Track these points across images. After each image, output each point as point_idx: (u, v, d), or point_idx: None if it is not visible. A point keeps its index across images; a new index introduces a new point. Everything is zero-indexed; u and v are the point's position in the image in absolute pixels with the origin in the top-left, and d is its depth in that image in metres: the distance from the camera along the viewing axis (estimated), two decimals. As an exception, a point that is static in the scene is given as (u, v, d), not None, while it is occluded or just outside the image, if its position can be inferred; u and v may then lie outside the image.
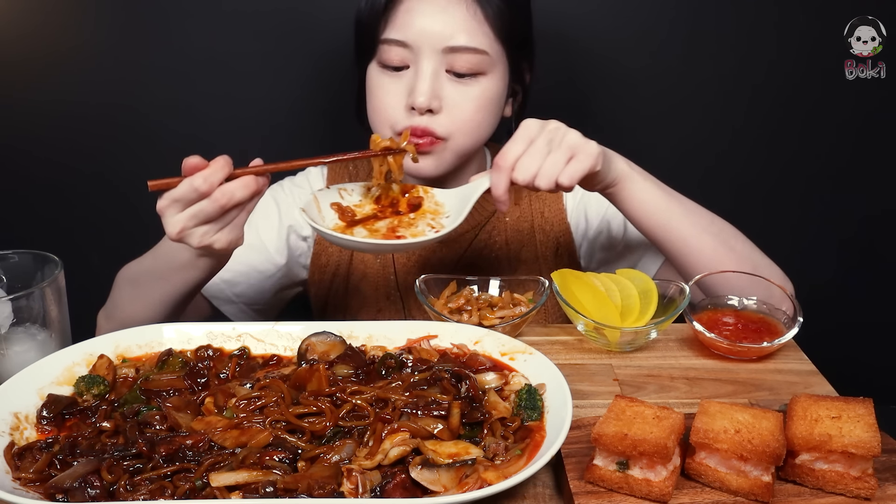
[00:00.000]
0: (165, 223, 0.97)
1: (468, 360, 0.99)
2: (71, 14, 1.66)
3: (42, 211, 1.79)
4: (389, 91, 1.23)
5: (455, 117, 1.22)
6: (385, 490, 0.76)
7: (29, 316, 1.00)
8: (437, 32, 1.18)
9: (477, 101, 1.23)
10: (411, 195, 1.17)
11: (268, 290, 1.43)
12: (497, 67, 1.24)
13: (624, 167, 1.14)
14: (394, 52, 1.21)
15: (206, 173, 0.95)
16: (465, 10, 1.19)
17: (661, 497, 0.76)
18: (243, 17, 1.66)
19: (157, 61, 1.68)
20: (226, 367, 0.99)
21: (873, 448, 0.75)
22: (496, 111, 1.28)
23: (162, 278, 1.14)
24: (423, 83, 1.19)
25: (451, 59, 1.20)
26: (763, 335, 1.08)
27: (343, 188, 1.16)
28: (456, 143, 1.25)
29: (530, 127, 1.05)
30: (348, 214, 1.13)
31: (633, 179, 1.14)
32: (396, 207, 1.16)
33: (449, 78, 1.21)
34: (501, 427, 0.86)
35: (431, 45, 1.18)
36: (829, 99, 1.73)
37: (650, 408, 0.82)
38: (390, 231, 1.11)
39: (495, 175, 1.04)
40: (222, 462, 0.80)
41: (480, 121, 1.25)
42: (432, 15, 1.18)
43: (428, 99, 1.19)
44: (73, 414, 0.91)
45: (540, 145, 1.03)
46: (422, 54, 1.19)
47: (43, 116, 1.72)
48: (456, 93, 1.22)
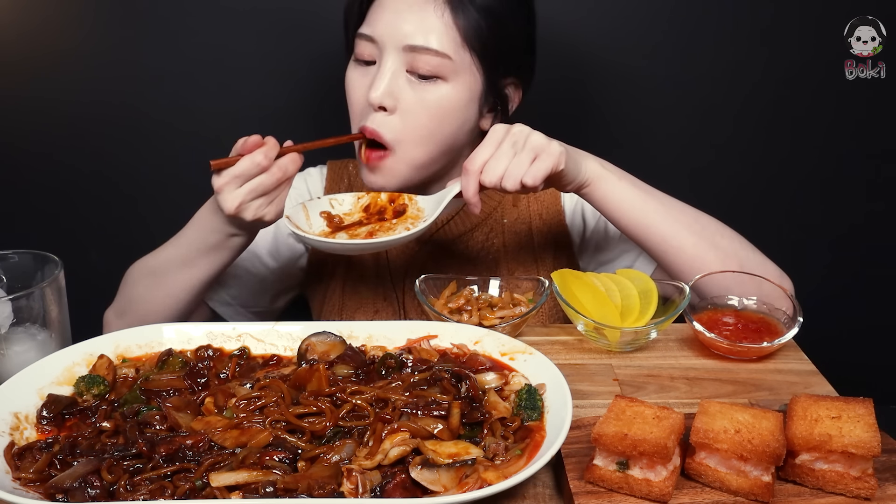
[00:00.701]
0: (223, 199, 1.05)
1: (468, 360, 0.99)
2: (71, 14, 1.66)
3: (42, 210, 1.79)
4: (357, 85, 1.23)
5: (407, 122, 1.19)
6: (385, 490, 0.76)
7: (29, 316, 1.00)
8: (400, 30, 1.17)
9: (432, 107, 1.19)
10: (396, 203, 1.21)
11: (262, 292, 1.43)
12: (462, 76, 1.20)
13: (596, 167, 1.16)
14: (363, 47, 1.21)
15: (265, 150, 1.05)
16: (433, 11, 1.17)
17: (661, 497, 0.76)
18: (243, 16, 1.66)
19: (158, 60, 1.68)
20: (226, 367, 0.99)
21: (873, 448, 0.75)
22: (455, 121, 1.23)
23: (187, 265, 1.17)
24: (381, 79, 1.18)
25: (412, 59, 1.18)
26: (763, 335, 1.08)
27: (334, 198, 1.22)
28: (406, 152, 1.21)
29: (497, 131, 1.09)
30: (336, 222, 1.19)
31: (606, 179, 1.16)
32: (383, 215, 1.21)
33: (409, 78, 1.19)
34: (501, 427, 0.86)
35: (394, 41, 1.18)
36: (828, 99, 1.73)
37: (650, 408, 0.82)
38: (369, 235, 1.18)
39: (464, 179, 1.09)
40: (222, 462, 0.80)
41: (434, 129, 1.21)
42: (400, 12, 1.17)
43: (381, 95, 1.17)
44: (73, 414, 0.91)
45: (505, 148, 1.08)
46: (385, 50, 1.18)
47: (43, 116, 1.72)
48: (412, 94, 1.19)
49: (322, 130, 1.79)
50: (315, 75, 1.70)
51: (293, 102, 1.74)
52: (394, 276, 1.40)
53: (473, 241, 1.40)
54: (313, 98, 1.73)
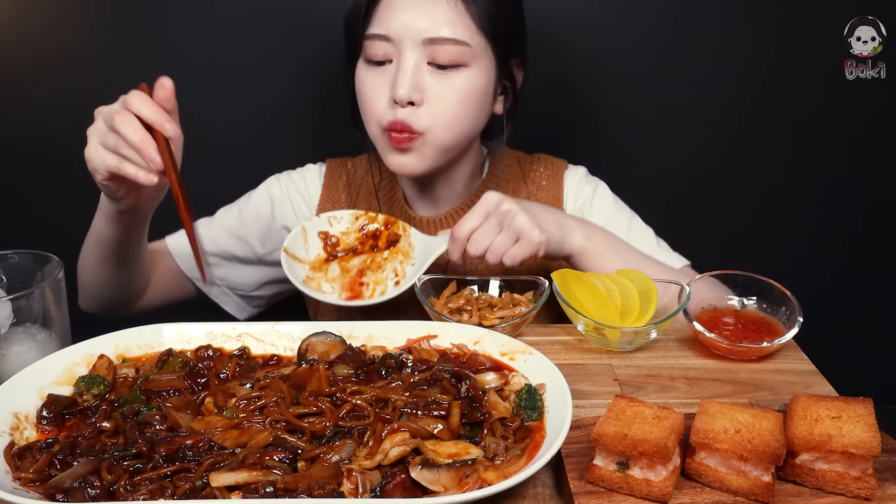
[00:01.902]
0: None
1: (468, 360, 0.99)
2: (71, 14, 1.66)
3: (42, 211, 1.79)
4: (374, 86, 1.24)
5: (435, 109, 1.22)
6: (385, 490, 0.76)
7: (29, 316, 1.00)
8: (417, 25, 1.19)
9: (458, 92, 1.23)
10: (392, 230, 1.27)
11: (248, 277, 1.47)
12: (480, 60, 1.24)
13: (580, 242, 1.22)
14: (377, 47, 1.23)
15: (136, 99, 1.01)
16: (446, 2, 1.20)
17: (661, 497, 0.76)
18: (240, 17, 1.66)
19: (157, 61, 1.67)
20: (226, 367, 0.99)
21: (873, 448, 0.75)
22: (480, 105, 1.27)
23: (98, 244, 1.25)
24: (404, 75, 1.20)
25: (433, 51, 1.20)
26: (763, 335, 1.08)
27: (333, 216, 1.27)
28: (435, 136, 1.24)
29: (488, 202, 1.15)
30: (331, 244, 1.26)
31: (589, 254, 1.23)
32: (377, 242, 1.27)
33: (431, 70, 1.22)
34: (501, 427, 0.86)
35: (412, 37, 1.20)
36: (829, 99, 1.73)
37: (650, 408, 0.82)
38: (359, 274, 1.25)
39: (451, 245, 1.17)
40: (222, 462, 0.80)
41: (461, 113, 1.25)
42: (412, 8, 1.20)
43: (408, 91, 1.20)
44: (73, 414, 0.91)
45: (493, 223, 1.15)
46: (403, 47, 1.20)
47: (42, 116, 1.72)
48: (437, 84, 1.22)
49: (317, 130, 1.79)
50: (312, 75, 1.70)
51: (289, 102, 1.74)
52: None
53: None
54: (310, 97, 1.73)
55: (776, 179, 1.81)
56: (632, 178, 1.71)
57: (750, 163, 1.80)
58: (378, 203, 1.45)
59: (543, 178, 1.45)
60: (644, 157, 1.78)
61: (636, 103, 1.76)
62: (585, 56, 1.71)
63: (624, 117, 1.77)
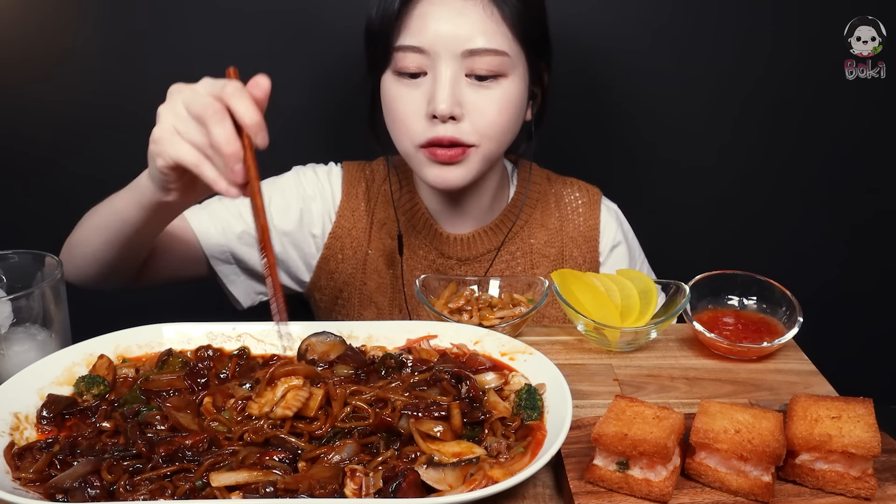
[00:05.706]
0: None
1: (468, 360, 0.99)
2: (71, 14, 1.65)
3: (42, 211, 1.78)
4: (408, 100, 1.19)
5: (478, 123, 1.18)
6: (399, 489, 0.75)
7: (29, 316, 1.00)
8: (454, 36, 1.14)
9: (499, 103, 1.19)
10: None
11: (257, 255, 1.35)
12: (517, 69, 1.20)
13: None
14: (409, 59, 1.17)
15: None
16: (482, 10, 1.15)
17: (661, 497, 0.76)
18: (247, 18, 1.65)
19: (158, 62, 1.67)
20: (226, 367, 0.99)
21: (873, 448, 0.75)
22: (519, 113, 1.25)
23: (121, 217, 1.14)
24: (443, 90, 1.15)
25: (471, 63, 1.16)
26: (763, 335, 1.08)
27: None
28: (487, 149, 1.22)
29: None
30: None
31: None
32: None
33: (469, 82, 1.17)
34: (502, 427, 0.86)
35: (449, 49, 1.15)
36: (828, 99, 1.73)
37: (650, 408, 0.82)
38: None
39: None
40: (222, 462, 0.80)
41: (504, 124, 1.21)
42: (448, 18, 1.14)
43: (450, 106, 1.15)
44: (73, 414, 0.91)
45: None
46: (439, 59, 1.15)
47: (42, 116, 1.71)
48: (477, 97, 1.18)
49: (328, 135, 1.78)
50: (323, 80, 1.69)
51: (299, 107, 1.74)
52: (405, 287, 1.39)
53: (499, 259, 1.39)
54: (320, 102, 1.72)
55: (776, 179, 1.81)
56: (632, 178, 1.72)
57: (749, 163, 1.80)
58: (396, 214, 1.39)
59: (581, 205, 1.42)
60: (644, 156, 1.78)
61: (635, 103, 1.76)
62: (586, 56, 1.71)
63: (621, 118, 1.77)
